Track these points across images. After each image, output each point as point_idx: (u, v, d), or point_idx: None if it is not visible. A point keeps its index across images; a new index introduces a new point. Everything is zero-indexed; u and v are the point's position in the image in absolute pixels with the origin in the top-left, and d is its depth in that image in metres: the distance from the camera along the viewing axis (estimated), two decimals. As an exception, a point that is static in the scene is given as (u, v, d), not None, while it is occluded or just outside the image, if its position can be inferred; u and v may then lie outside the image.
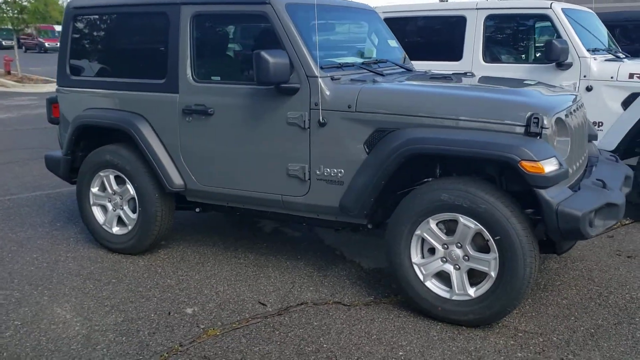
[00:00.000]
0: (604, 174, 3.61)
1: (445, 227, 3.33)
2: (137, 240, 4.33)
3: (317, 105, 3.60)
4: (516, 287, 3.13)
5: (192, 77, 3.98)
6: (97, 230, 4.53)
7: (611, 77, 5.24)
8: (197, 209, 4.42)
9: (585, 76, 5.33)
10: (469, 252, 3.25)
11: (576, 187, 3.32)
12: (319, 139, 3.65)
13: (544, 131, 3.14)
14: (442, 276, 3.39)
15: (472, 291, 3.28)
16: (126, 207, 4.39)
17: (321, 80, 3.59)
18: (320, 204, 3.74)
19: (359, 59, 4.23)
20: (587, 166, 3.86)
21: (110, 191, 4.43)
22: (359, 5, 4.65)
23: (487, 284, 3.24)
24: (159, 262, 4.33)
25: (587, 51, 5.38)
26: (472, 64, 5.80)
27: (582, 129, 3.73)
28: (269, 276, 4.07)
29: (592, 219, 3.11)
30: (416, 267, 3.41)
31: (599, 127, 5.24)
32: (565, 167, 3.15)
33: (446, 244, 3.31)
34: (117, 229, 4.46)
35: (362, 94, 3.53)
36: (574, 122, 3.54)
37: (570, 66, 5.37)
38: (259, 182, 3.89)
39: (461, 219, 3.21)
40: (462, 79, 3.99)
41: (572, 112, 3.56)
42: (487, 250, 3.22)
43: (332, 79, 3.66)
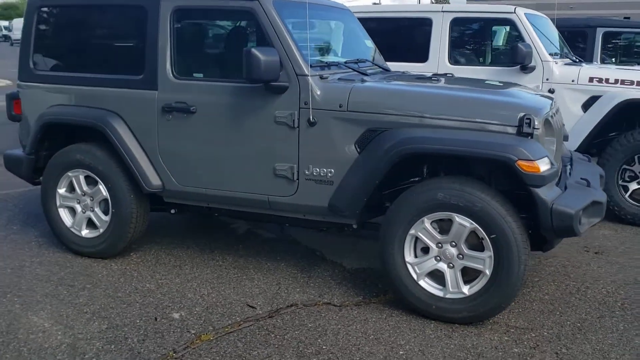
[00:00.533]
0: (585, 174, 3.74)
1: (438, 226, 3.36)
2: (109, 243, 4.14)
3: (307, 104, 3.55)
4: (511, 283, 3.19)
5: (172, 74, 3.84)
6: (64, 233, 4.29)
7: (572, 81, 5.45)
8: (173, 211, 4.27)
9: (547, 79, 5.52)
10: (464, 251, 3.29)
11: (562, 186, 3.43)
12: (308, 138, 3.59)
13: (535, 131, 3.22)
14: (435, 275, 3.42)
15: (466, 289, 3.31)
16: (97, 209, 4.18)
17: (311, 79, 3.54)
18: (308, 204, 3.69)
19: (341, 58, 4.21)
20: (562, 166, 4.00)
21: (79, 192, 4.20)
22: (336, 4, 4.63)
23: (481, 281, 3.28)
24: (133, 265, 4.15)
25: (549, 55, 5.58)
26: (438, 66, 5.89)
27: (561, 129, 3.85)
28: (252, 278, 3.98)
29: (581, 216, 3.22)
30: (410, 267, 3.41)
31: (561, 128, 5.43)
32: (556, 166, 3.24)
33: (440, 243, 3.34)
34: (86, 232, 4.25)
35: (353, 94, 3.51)
36: (556, 123, 3.65)
37: (533, 69, 5.54)
38: (243, 182, 3.79)
39: (456, 218, 3.24)
40: (447, 80, 4.04)
41: (555, 113, 3.67)
42: (481, 248, 3.26)
43: (321, 78, 3.62)
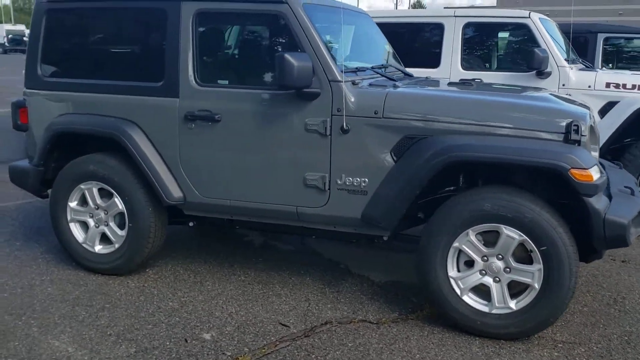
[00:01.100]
0: (624, 181, 3.63)
1: (482, 238, 3.22)
2: (125, 259, 3.92)
3: (339, 111, 3.39)
4: (561, 297, 3.06)
5: (194, 80, 3.64)
6: (75, 249, 4.06)
7: (589, 86, 5.38)
8: (191, 224, 4.07)
9: (563, 85, 5.44)
10: (511, 264, 3.15)
11: (608, 195, 3.31)
12: (341, 146, 3.43)
13: (583, 138, 3.10)
14: (479, 289, 3.27)
15: (513, 304, 3.18)
16: (112, 223, 3.95)
17: (345, 85, 3.39)
18: (340, 215, 3.52)
19: (366, 64, 4.06)
20: None
21: (92, 205, 3.98)
22: (357, 9, 4.49)
23: (529, 295, 3.14)
24: (151, 282, 3.94)
25: (565, 60, 5.50)
26: (451, 71, 5.79)
27: (599, 136, 3.75)
28: (278, 294, 3.79)
29: (631, 226, 3.11)
30: (452, 281, 3.27)
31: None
32: (605, 174, 3.13)
33: (486, 256, 3.20)
34: (100, 247, 4.02)
35: (389, 99, 3.36)
36: (596, 129, 3.54)
37: (549, 75, 5.47)
38: (271, 193, 3.61)
39: (504, 230, 3.10)
40: (480, 86, 3.91)
41: (594, 120, 3.57)
42: (529, 261, 3.13)
43: (353, 84, 3.47)
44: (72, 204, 4.02)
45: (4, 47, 47.25)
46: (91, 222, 4.01)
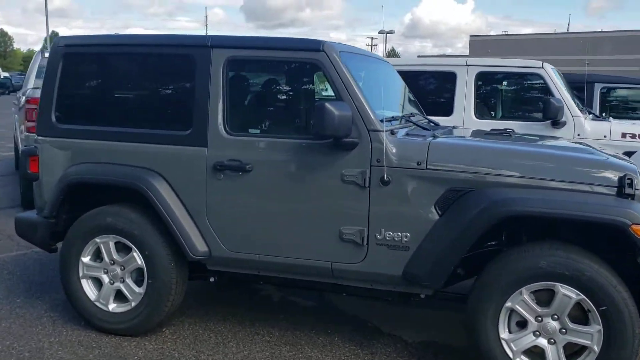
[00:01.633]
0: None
1: (535, 297, 3.05)
2: (142, 318, 3.65)
3: (379, 161, 3.25)
4: (624, 360, 2.90)
5: (224, 129, 3.47)
6: (86, 307, 3.77)
7: (604, 136, 5.37)
8: (212, 279, 3.84)
9: (579, 134, 5.42)
10: (567, 325, 2.98)
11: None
12: (380, 198, 3.27)
13: (637, 192, 3.00)
14: (531, 351, 3.08)
15: (570, 367, 3.00)
16: (129, 280, 3.70)
17: (385, 134, 3.26)
18: (378, 272, 3.34)
19: (396, 112, 3.95)
20: None
21: (108, 260, 3.72)
22: (381, 57, 4.41)
23: (588, 358, 2.97)
24: (170, 344, 3.66)
25: (579, 110, 5.49)
26: (464, 120, 5.73)
27: None
28: (309, 356, 3.55)
29: (690, 284, 2.99)
30: (504, 343, 3.08)
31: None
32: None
33: (540, 316, 3.02)
34: (114, 306, 3.74)
35: (433, 150, 3.23)
36: (640, 182, 3.45)
37: (564, 124, 5.44)
38: (304, 248, 3.42)
39: (560, 289, 2.94)
40: (520, 137, 3.82)
41: (637, 173, 3.48)
42: (585, 321, 2.97)
43: (392, 133, 3.34)
44: (85, 259, 3.75)
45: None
46: (105, 279, 3.75)
